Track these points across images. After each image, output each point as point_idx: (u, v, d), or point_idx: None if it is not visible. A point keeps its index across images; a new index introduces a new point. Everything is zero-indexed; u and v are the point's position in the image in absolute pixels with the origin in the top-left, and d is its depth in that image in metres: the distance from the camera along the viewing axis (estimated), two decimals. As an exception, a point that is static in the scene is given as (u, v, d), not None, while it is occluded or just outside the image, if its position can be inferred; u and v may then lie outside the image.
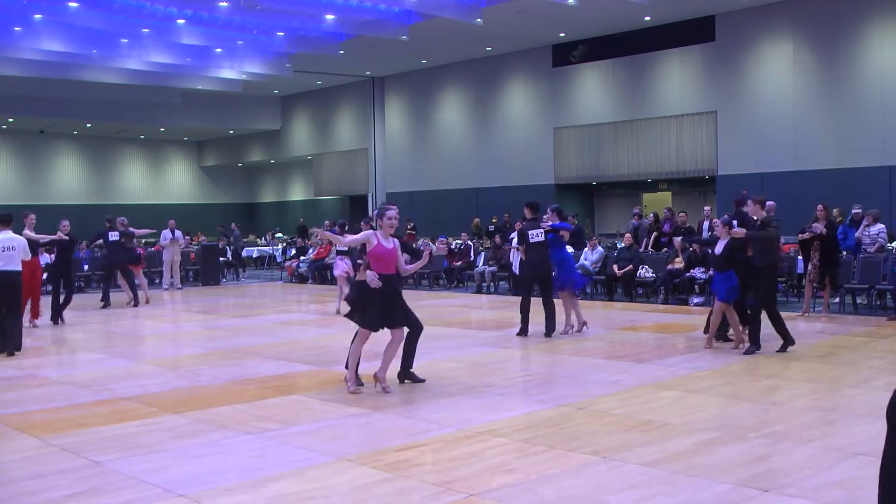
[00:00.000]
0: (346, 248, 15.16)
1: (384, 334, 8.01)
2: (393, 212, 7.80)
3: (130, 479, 5.40)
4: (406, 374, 8.26)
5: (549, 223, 11.34)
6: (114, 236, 16.70)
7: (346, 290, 15.10)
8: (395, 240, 7.84)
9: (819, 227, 13.11)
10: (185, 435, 6.52)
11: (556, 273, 11.44)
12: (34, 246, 12.97)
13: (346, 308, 14.66)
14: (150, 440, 6.39)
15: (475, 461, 5.66)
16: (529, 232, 11.24)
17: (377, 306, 7.63)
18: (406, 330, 7.98)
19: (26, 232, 12.82)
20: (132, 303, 16.64)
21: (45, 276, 17.16)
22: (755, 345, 9.77)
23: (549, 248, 11.33)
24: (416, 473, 5.41)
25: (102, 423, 6.97)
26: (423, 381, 8.20)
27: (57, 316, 13.92)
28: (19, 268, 10.57)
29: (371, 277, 7.60)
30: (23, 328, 10.96)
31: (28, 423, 6.98)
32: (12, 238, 10.63)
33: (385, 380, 7.83)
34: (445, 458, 5.74)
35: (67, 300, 14.26)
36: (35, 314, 13.14)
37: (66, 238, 14.24)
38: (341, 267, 15.10)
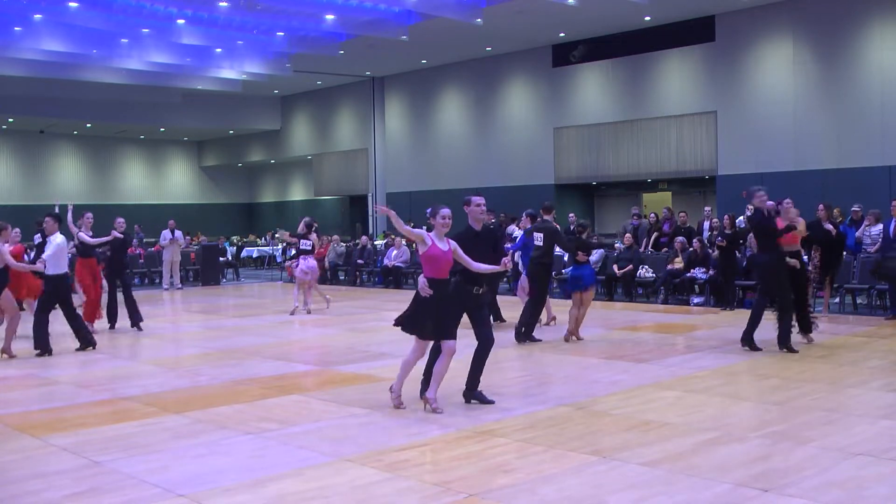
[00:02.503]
0: (310, 248, 15.31)
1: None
2: (447, 210, 7.12)
3: (130, 479, 5.41)
4: (472, 394, 7.41)
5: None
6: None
7: (303, 292, 15.30)
8: (452, 241, 7.13)
9: (831, 228, 12.98)
10: (185, 435, 6.52)
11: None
12: (88, 248, 12.59)
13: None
14: (150, 440, 6.39)
15: (475, 461, 5.66)
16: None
17: (431, 314, 6.94)
18: (451, 343, 7.08)
19: (81, 234, 12.46)
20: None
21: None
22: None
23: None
24: (416, 473, 5.41)
25: (102, 423, 6.97)
26: (491, 402, 7.33)
27: (113, 320, 13.16)
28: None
29: (421, 284, 7.00)
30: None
31: (28, 423, 6.98)
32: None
33: (436, 400, 7.09)
34: (445, 458, 5.74)
35: (127, 302, 13.23)
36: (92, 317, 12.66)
37: (122, 236, 13.36)
38: (302, 266, 15.16)
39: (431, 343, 7.14)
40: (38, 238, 15.05)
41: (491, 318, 11.79)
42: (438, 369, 7.07)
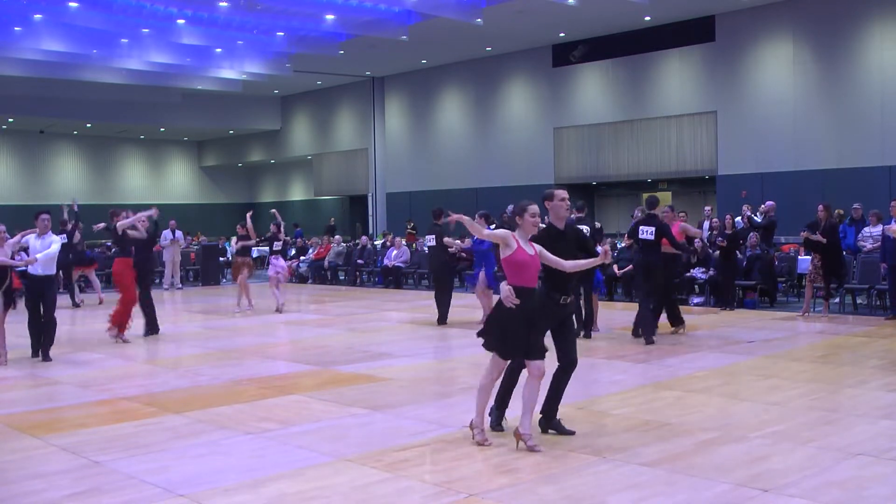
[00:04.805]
0: (279, 248, 15.46)
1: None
2: (535, 206, 6.09)
3: (130, 479, 5.40)
4: (549, 423, 6.37)
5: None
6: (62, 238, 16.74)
7: (277, 292, 15.27)
8: (536, 245, 6.10)
9: (819, 237, 12.85)
10: (185, 435, 6.52)
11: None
12: (127, 246, 11.89)
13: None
14: (150, 440, 6.39)
15: (475, 461, 5.66)
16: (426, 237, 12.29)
17: (520, 329, 5.89)
18: (540, 363, 5.98)
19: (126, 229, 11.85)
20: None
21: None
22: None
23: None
24: (416, 473, 5.41)
25: (102, 423, 6.97)
26: (571, 432, 6.28)
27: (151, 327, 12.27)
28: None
29: (505, 292, 5.94)
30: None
31: (28, 423, 6.98)
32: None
33: (531, 436, 5.91)
34: (445, 458, 5.74)
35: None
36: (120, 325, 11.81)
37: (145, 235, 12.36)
38: (275, 266, 15.32)
39: (508, 363, 6.14)
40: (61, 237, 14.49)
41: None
42: (528, 396, 5.94)
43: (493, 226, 11.78)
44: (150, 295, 12.58)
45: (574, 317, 7.09)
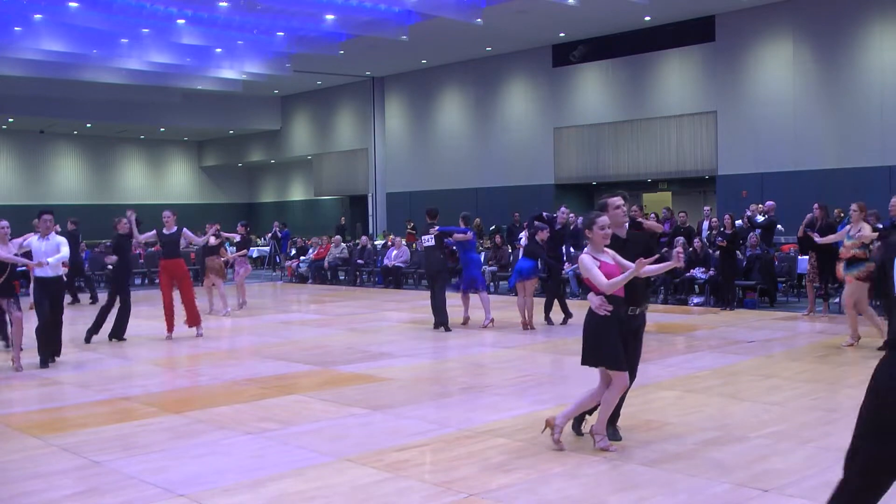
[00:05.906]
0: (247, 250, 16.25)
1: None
2: (605, 219, 5.84)
3: (130, 479, 5.41)
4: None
5: (438, 228, 12.86)
6: None
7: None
8: (610, 251, 5.86)
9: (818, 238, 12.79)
10: (185, 435, 6.52)
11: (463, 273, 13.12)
12: (175, 248, 12.54)
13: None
14: (150, 440, 6.39)
15: (475, 461, 5.66)
16: (423, 237, 12.62)
17: (616, 336, 5.73)
18: (626, 374, 5.84)
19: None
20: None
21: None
22: None
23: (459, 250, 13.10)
24: (416, 473, 5.41)
25: (102, 423, 6.97)
26: (618, 439, 6.08)
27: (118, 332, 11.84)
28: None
29: (597, 302, 5.73)
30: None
31: (28, 423, 6.98)
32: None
33: (561, 430, 5.90)
34: (445, 458, 5.74)
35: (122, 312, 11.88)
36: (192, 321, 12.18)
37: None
38: (245, 267, 16.01)
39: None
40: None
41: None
42: (608, 400, 5.82)
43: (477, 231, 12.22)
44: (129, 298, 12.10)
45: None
